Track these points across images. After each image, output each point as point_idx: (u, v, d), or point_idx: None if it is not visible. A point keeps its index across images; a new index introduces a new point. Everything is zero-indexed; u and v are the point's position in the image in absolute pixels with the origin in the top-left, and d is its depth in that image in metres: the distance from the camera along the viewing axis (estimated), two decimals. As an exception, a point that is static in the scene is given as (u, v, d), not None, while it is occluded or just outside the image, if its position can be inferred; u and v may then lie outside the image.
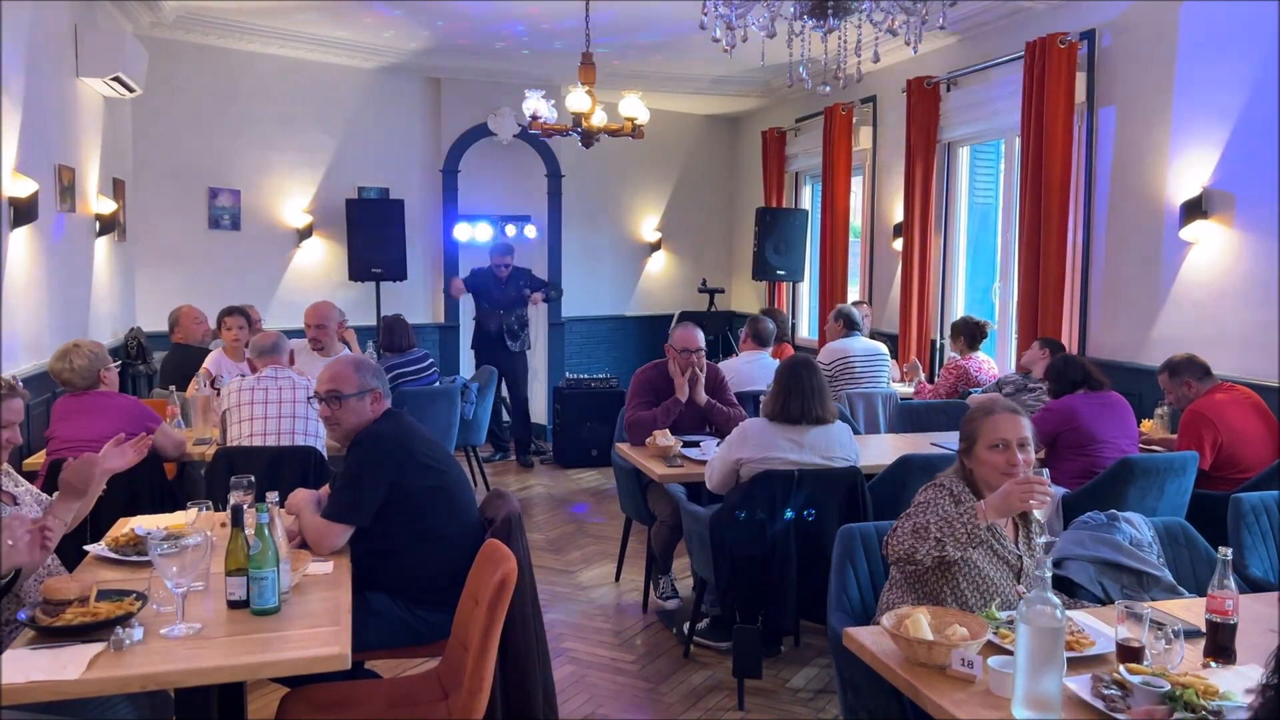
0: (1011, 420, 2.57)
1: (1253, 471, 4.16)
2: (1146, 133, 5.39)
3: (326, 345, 5.25)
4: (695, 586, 4.25)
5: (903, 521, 2.51)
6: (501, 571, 2.42)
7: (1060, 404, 4.39)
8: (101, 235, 6.26)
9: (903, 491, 3.86)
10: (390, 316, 6.60)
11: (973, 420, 2.63)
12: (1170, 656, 2.03)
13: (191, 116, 7.83)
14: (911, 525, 2.43)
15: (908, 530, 2.43)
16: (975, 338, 6.09)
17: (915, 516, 2.50)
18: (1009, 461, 2.54)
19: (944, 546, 2.39)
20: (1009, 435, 2.55)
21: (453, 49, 8.23)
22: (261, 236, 8.26)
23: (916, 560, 2.43)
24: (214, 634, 2.27)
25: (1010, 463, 2.53)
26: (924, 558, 2.41)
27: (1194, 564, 2.91)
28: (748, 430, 3.81)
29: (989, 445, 2.55)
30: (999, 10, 6.29)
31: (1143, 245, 5.44)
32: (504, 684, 2.83)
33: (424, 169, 8.95)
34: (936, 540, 2.38)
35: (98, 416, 4.04)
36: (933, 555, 2.41)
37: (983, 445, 2.56)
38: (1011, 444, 2.54)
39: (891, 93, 7.55)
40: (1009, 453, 2.53)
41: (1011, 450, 2.54)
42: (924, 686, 2.03)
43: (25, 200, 4.57)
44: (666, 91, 9.07)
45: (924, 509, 2.53)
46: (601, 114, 5.95)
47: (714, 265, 10.44)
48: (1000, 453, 2.54)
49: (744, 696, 3.72)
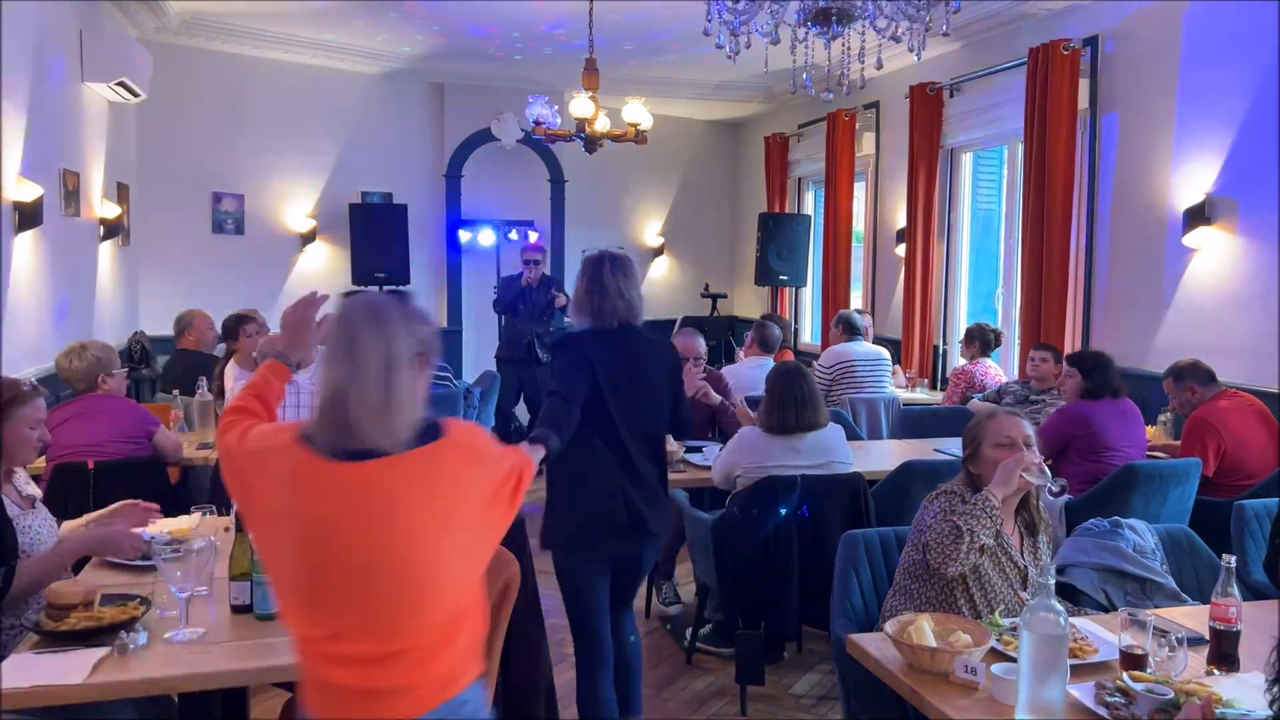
0: (1014, 421, 2.60)
1: (1256, 478, 4.15)
2: (1149, 139, 5.39)
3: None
4: (698, 592, 4.24)
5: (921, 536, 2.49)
6: (505, 576, 2.42)
7: (1075, 409, 4.38)
8: (106, 240, 6.28)
9: (905, 498, 3.86)
10: None
11: (976, 425, 2.64)
12: (1174, 664, 2.03)
13: (196, 121, 7.86)
14: (950, 528, 2.43)
15: (947, 537, 2.43)
16: (989, 345, 6.13)
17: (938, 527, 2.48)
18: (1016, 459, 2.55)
19: (976, 536, 2.41)
20: (1013, 433, 2.56)
21: (456, 54, 8.25)
22: (265, 241, 8.28)
23: (965, 564, 2.44)
24: (218, 639, 2.27)
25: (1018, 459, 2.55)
26: (965, 556, 2.43)
27: (1197, 571, 2.91)
28: (744, 440, 3.81)
29: (994, 444, 2.56)
30: (1002, 16, 6.30)
31: (1145, 252, 5.43)
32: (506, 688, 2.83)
33: (427, 174, 8.97)
34: (970, 532, 2.40)
35: (93, 420, 4.03)
36: (974, 550, 2.43)
37: (988, 445, 2.57)
38: (1017, 440, 2.55)
39: (894, 98, 7.56)
40: (1015, 449, 2.54)
41: (1017, 446, 2.55)
42: (927, 693, 2.03)
43: (30, 205, 4.58)
44: (669, 97, 9.09)
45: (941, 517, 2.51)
46: (605, 119, 5.97)
47: (717, 270, 10.45)
48: (1006, 449, 2.54)
49: (746, 702, 3.71)
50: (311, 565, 1.64)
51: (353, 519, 1.62)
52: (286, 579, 1.69)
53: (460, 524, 1.68)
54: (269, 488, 1.67)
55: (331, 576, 1.63)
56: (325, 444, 1.64)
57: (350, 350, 1.66)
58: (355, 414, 1.62)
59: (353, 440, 1.63)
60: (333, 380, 1.66)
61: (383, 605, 1.63)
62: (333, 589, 1.64)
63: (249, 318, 5.59)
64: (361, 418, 1.63)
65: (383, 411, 1.63)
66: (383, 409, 1.63)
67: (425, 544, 1.64)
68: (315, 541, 1.63)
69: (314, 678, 1.69)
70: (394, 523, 1.62)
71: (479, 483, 1.72)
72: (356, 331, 1.67)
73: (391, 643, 1.64)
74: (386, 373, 1.64)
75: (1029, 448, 2.56)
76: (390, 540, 1.62)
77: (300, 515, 1.64)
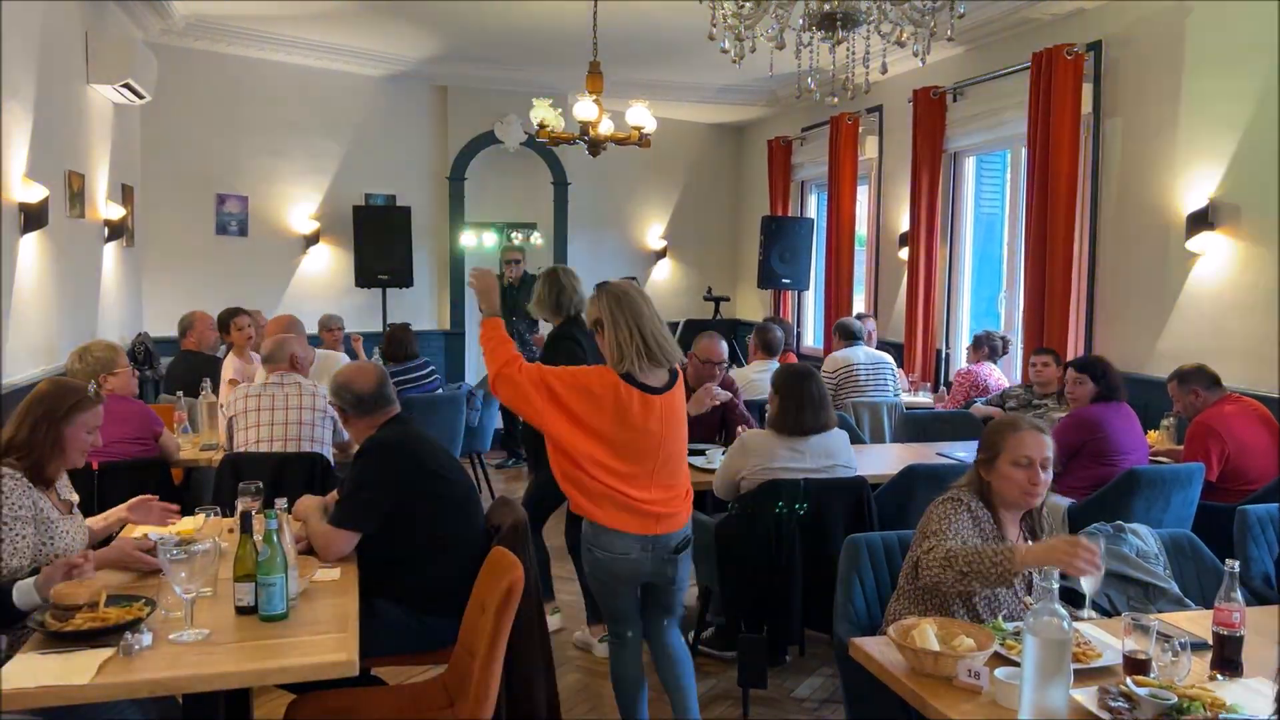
0: (1037, 439, 2.55)
1: (1259, 483, 4.15)
2: (1153, 144, 5.39)
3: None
4: (700, 595, 4.24)
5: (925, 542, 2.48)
6: (509, 579, 2.43)
7: (1088, 413, 4.39)
8: (110, 241, 6.29)
9: (908, 501, 3.86)
10: (395, 325, 6.60)
11: (999, 433, 2.60)
12: (1177, 669, 2.03)
13: (200, 123, 7.87)
14: (944, 553, 2.39)
15: (940, 557, 2.39)
16: (996, 351, 6.20)
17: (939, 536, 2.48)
18: (1030, 480, 2.52)
19: (969, 582, 2.35)
20: (1034, 454, 2.53)
21: (460, 57, 8.27)
22: (269, 243, 8.29)
23: (944, 590, 2.42)
24: (222, 640, 2.28)
25: (1032, 481, 2.52)
26: (949, 588, 2.40)
27: (1200, 576, 2.91)
28: (747, 442, 3.81)
29: (1012, 461, 2.53)
30: (1006, 21, 6.30)
31: (1149, 256, 5.44)
32: (509, 691, 2.83)
33: (431, 176, 8.98)
34: (961, 575, 2.35)
35: None
36: (957, 588, 2.40)
37: (1006, 460, 2.54)
38: (1035, 462, 2.52)
39: (898, 102, 7.56)
40: (1031, 471, 2.52)
41: (1034, 469, 2.52)
42: (930, 697, 2.03)
43: (35, 206, 4.59)
44: (673, 100, 9.10)
45: (944, 524, 2.51)
46: (609, 123, 5.97)
47: (719, 273, 10.45)
48: (1023, 470, 2.52)
49: (749, 706, 3.72)
50: (633, 450, 2.97)
51: (660, 426, 2.99)
52: (605, 456, 2.95)
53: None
54: (591, 409, 2.92)
55: (644, 454, 2.99)
56: (641, 379, 2.95)
57: (635, 308, 2.98)
58: (657, 341, 2.97)
59: (661, 369, 3.03)
60: (634, 323, 2.95)
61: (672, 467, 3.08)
62: (644, 460, 3.00)
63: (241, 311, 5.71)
64: (662, 344, 2.98)
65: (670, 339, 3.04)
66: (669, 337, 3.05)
67: (684, 439, 3.13)
68: (639, 438, 2.96)
69: (622, 504, 2.97)
70: (678, 428, 3.07)
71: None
72: (629, 291, 3.04)
73: (673, 489, 3.09)
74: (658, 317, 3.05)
75: (1045, 468, 2.55)
76: (679, 437, 3.09)
77: (629, 425, 2.94)
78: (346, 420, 3.16)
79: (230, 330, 5.65)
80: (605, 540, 2.99)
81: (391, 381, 3.20)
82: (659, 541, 3.01)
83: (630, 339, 2.93)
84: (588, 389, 2.91)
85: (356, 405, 3.08)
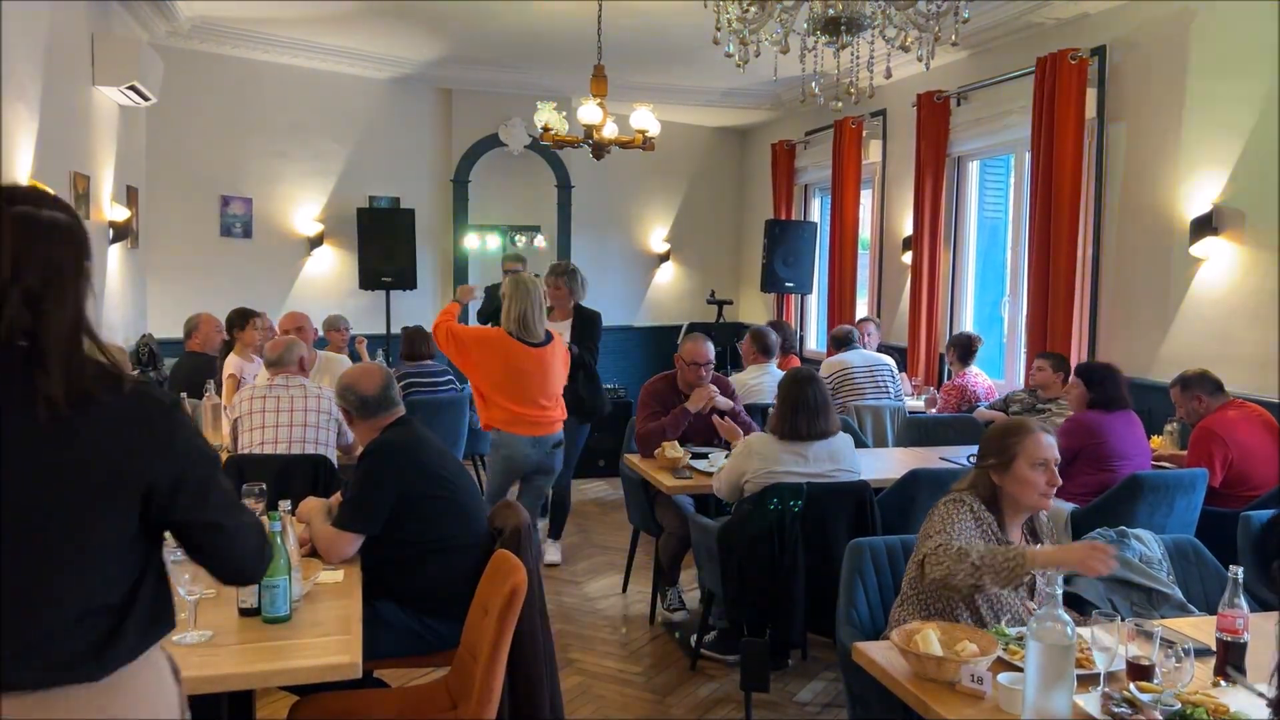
0: (1049, 440, 2.60)
1: (1263, 489, 4.14)
2: (1157, 149, 5.39)
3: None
4: (703, 599, 4.25)
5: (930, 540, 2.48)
6: (511, 582, 2.43)
7: (1084, 419, 4.38)
8: (115, 242, 6.30)
9: (911, 506, 3.87)
10: (411, 327, 6.62)
11: (1012, 436, 2.59)
12: (1180, 675, 2.03)
13: (205, 125, 7.89)
14: (956, 550, 2.39)
15: (951, 553, 2.40)
16: (967, 352, 6.15)
17: (946, 534, 2.48)
18: (1049, 481, 2.54)
19: (981, 576, 2.35)
20: (1049, 455, 2.56)
21: (464, 60, 8.28)
22: (273, 245, 8.30)
23: (953, 585, 2.41)
24: (225, 641, 2.28)
25: (1049, 483, 2.54)
26: (960, 584, 2.40)
27: (1204, 581, 2.91)
28: (752, 446, 3.81)
29: (1032, 464, 2.54)
30: (1010, 26, 6.30)
31: (1153, 261, 5.43)
32: (512, 694, 2.83)
33: (435, 179, 9.00)
34: (974, 568, 2.35)
35: None
36: (968, 584, 2.39)
37: (1025, 463, 2.54)
38: (1050, 464, 2.55)
39: (902, 106, 7.57)
40: (1049, 472, 2.54)
41: (1051, 470, 2.55)
42: (933, 702, 2.03)
43: (41, 207, 4.60)
44: (677, 103, 9.10)
45: (947, 524, 2.51)
46: (612, 126, 5.98)
47: (722, 277, 10.45)
48: (1042, 472, 2.54)
49: (751, 710, 3.71)
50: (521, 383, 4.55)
51: (534, 366, 4.56)
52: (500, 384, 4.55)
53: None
54: (489, 354, 4.54)
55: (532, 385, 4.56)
56: (520, 336, 4.50)
57: (526, 297, 4.55)
58: (525, 323, 4.51)
59: (531, 335, 4.53)
60: (519, 307, 4.52)
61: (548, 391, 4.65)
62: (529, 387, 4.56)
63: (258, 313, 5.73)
64: (529, 325, 4.51)
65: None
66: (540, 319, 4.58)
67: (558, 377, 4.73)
68: (524, 375, 4.54)
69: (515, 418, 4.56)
70: (554, 368, 4.67)
71: None
72: (527, 285, 4.60)
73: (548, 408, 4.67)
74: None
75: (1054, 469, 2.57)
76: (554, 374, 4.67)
77: (513, 365, 4.51)
78: (351, 422, 3.18)
79: (246, 329, 5.61)
80: (507, 440, 4.59)
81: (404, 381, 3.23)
82: (541, 441, 4.62)
83: (514, 315, 4.52)
84: (486, 339, 4.61)
85: (361, 407, 3.10)
